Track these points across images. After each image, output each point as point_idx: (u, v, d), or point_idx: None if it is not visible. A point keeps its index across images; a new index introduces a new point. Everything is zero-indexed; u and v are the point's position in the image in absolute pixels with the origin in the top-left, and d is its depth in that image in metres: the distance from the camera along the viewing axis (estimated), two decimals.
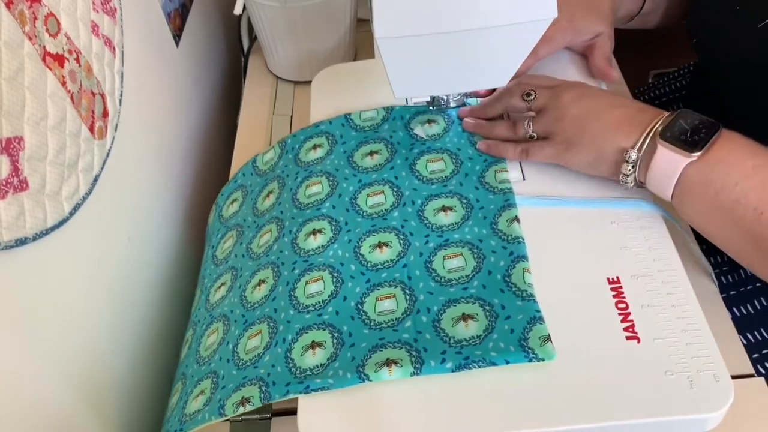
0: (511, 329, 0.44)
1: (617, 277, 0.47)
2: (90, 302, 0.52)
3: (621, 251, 0.49)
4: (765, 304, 0.61)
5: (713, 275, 0.57)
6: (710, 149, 0.46)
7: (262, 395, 0.45)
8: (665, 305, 0.45)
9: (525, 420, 0.41)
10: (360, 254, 0.51)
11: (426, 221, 0.53)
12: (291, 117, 0.78)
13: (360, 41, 0.85)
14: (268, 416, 0.51)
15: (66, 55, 0.46)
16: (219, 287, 0.57)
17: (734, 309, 0.61)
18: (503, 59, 0.52)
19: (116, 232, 0.57)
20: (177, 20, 0.77)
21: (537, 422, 0.41)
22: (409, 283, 0.49)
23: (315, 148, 0.62)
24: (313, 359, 0.45)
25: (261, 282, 0.53)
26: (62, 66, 0.45)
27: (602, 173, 0.52)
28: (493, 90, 0.63)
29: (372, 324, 0.47)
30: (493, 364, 0.43)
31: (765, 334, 0.59)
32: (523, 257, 0.48)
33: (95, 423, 0.51)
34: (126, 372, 0.57)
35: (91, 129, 0.50)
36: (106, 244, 0.55)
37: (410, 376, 0.43)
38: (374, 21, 0.45)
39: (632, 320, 0.45)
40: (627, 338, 0.44)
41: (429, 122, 0.60)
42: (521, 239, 0.49)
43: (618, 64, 0.72)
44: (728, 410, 0.41)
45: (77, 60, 0.47)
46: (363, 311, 0.48)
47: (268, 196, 0.61)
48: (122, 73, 0.57)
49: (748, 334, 0.59)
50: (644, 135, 0.48)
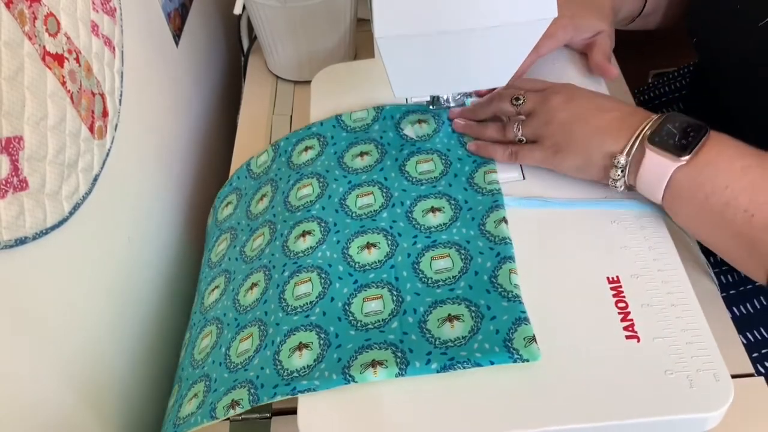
0: (497, 330, 0.44)
1: (617, 277, 0.47)
2: (90, 302, 0.52)
3: (621, 251, 0.49)
4: (765, 304, 0.61)
5: (713, 275, 0.57)
6: (699, 152, 0.46)
7: (251, 398, 0.45)
8: (665, 305, 0.45)
9: (525, 419, 0.41)
10: (348, 255, 0.51)
11: (414, 222, 0.53)
12: (291, 117, 0.78)
13: (360, 41, 0.85)
14: (268, 416, 0.51)
15: (66, 55, 0.46)
16: (212, 290, 0.58)
17: (734, 308, 0.61)
18: (503, 59, 0.52)
19: (116, 232, 0.57)
20: (177, 20, 0.77)
21: (537, 422, 0.41)
22: (397, 284, 0.49)
23: (306, 150, 0.62)
24: (300, 361, 0.45)
25: (253, 285, 0.53)
26: (62, 66, 0.45)
27: (592, 177, 0.52)
28: (494, 90, 0.63)
29: (359, 325, 0.47)
30: (478, 365, 0.43)
31: (765, 334, 0.59)
32: (510, 258, 0.48)
33: (95, 423, 0.51)
34: (126, 372, 0.57)
35: (91, 129, 0.50)
36: (106, 244, 0.55)
37: (395, 377, 0.43)
38: (374, 21, 0.45)
39: (632, 319, 0.45)
40: (627, 337, 0.44)
41: (419, 122, 0.60)
42: (508, 240, 0.49)
43: (618, 64, 0.72)
44: (728, 410, 0.41)
45: (77, 60, 0.47)
46: (350, 312, 0.48)
47: (262, 200, 0.61)
48: (122, 73, 0.57)
49: (748, 334, 0.60)
50: (633, 139, 0.48)
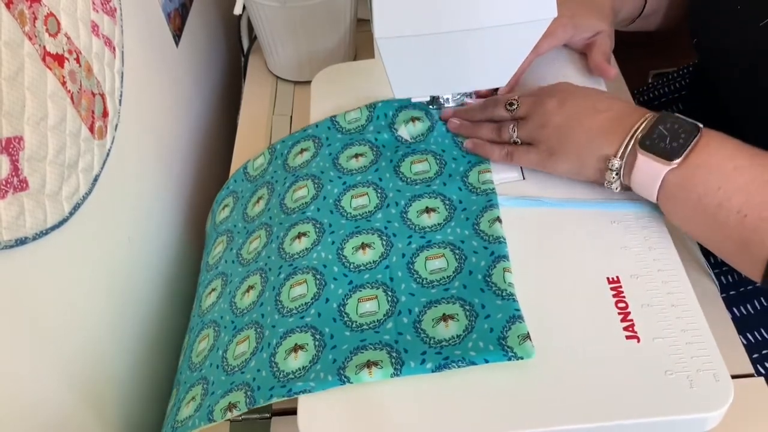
0: (491, 328, 0.44)
1: (617, 277, 0.47)
2: (90, 302, 0.52)
3: (621, 251, 0.49)
4: (765, 304, 0.61)
5: (713, 275, 0.57)
6: (690, 154, 0.46)
7: (248, 400, 0.45)
8: (665, 305, 0.45)
9: (525, 420, 0.41)
10: (343, 256, 0.51)
11: (409, 222, 0.53)
12: (291, 117, 0.78)
13: (360, 41, 0.85)
14: (268, 416, 0.51)
15: (66, 55, 0.46)
16: (209, 293, 0.58)
17: (734, 309, 0.61)
18: (503, 59, 0.52)
19: (116, 232, 0.57)
20: (177, 20, 0.77)
21: (537, 422, 0.41)
22: (391, 285, 0.49)
23: (302, 152, 0.62)
24: (296, 362, 0.45)
25: (250, 288, 0.53)
26: (62, 66, 0.45)
27: (587, 179, 0.52)
28: (495, 90, 0.63)
29: (353, 326, 0.47)
30: (473, 364, 0.43)
31: (765, 334, 0.59)
32: (504, 257, 0.48)
33: (95, 423, 0.51)
34: (126, 372, 0.57)
35: (91, 129, 0.50)
36: (106, 244, 0.55)
37: (390, 378, 0.43)
38: (374, 21, 0.45)
39: (632, 320, 0.45)
40: (627, 338, 0.44)
41: (413, 120, 0.60)
42: (502, 239, 0.49)
43: (618, 64, 0.72)
44: (728, 410, 0.41)
45: (77, 60, 0.47)
46: (345, 313, 0.48)
47: (258, 202, 0.61)
48: (122, 73, 0.57)
49: (748, 334, 0.60)
50: (625, 142, 0.48)
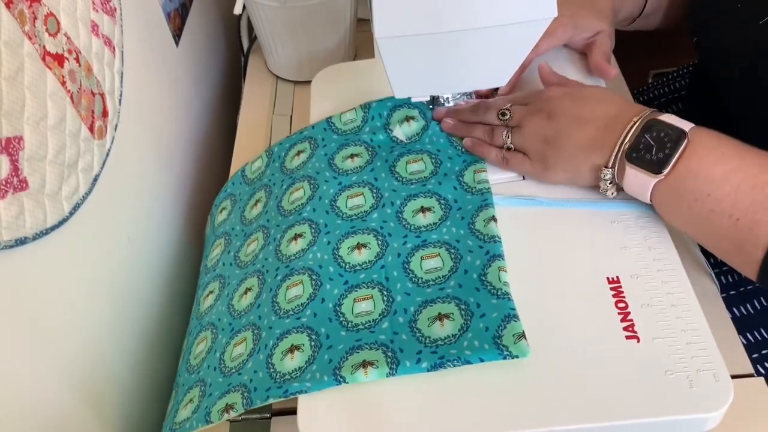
0: (486, 327, 0.45)
1: (617, 277, 0.47)
2: (90, 302, 0.52)
3: (621, 251, 0.49)
4: (765, 304, 0.61)
5: (713, 275, 0.57)
6: (678, 163, 0.46)
7: (244, 401, 0.45)
8: (665, 305, 0.45)
9: (526, 420, 0.41)
10: (339, 256, 0.51)
11: (405, 222, 0.53)
12: (291, 117, 0.78)
13: (360, 41, 0.85)
14: (268, 416, 0.51)
15: (66, 55, 0.46)
16: (207, 295, 0.58)
17: (734, 309, 0.61)
18: (503, 59, 0.52)
19: (116, 232, 0.57)
20: (177, 20, 0.77)
21: (537, 422, 0.41)
22: (387, 284, 0.49)
23: (299, 154, 0.62)
24: (292, 363, 0.45)
25: (247, 290, 0.53)
26: (62, 66, 0.45)
27: (583, 185, 0.53)
28: (495, 90, 0.63)
29: (349, 326, 0.47)
30: (468, 363, 0.43)
31: (765, 334, 0.59)
32: (499, 256, 0.48)
33: (95, 423, 0.51)
34: (126, 372, 0.57)
35: (91, 129, 0.50)
36: (106, 244, 0.55)
37: (386, 377, 0.44)
38: (374, 21, 0.45)
39: (632, 320, 0.45)
40: (627, 338, 0.44)
41: (407, 119, 0.60)
42: (498, 238, 0.49)
43: (618, 64, 0.72)
44: (728, 410, 0.41)
45: (77, 60, 0.47)
46: (341, 313, 0.48)
47: (256, 205, 0.61)
48: (122, 73, 0.57)
49: (748, 334, 0.60)
50: (614, 153, 0.49)
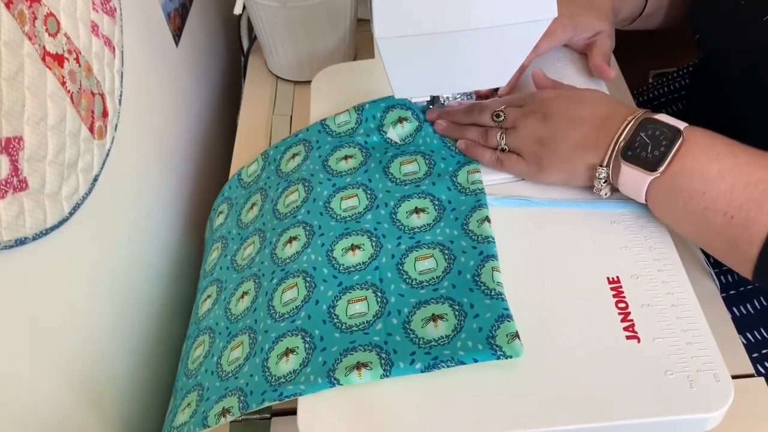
0: (480, 327, 0.44)
1: (617, 277, 0.47)
2: (90, 302, 0.52)
3: (621, 251, 0.49)
4: (764, 304, 0.61)
5: (713, 275, 0.57)
6: (673, 161, 0.46)
7: (241, 405, 0.45)
8: (665, 305, 0.45)
9: (526, 420, 0.41)
10: (333, 257, 0.51)
11: (399, 223, 0.53)
12: (291, 117, 0.78)
13: (360, 41, 0.85)
14: (268, 416, 0.51)
15: (66, 55, 0.46)
16: (205, 299, 0.58)
17: (734, 309, 0.61)
18: (503, 59, 0.52)
19: (116, 232, 0.57)
20: (177, 20, 0.77)
21: (537, 422, 0.41)
22: (381, 286, 0.49)
23: (294, 157, 0.62)
24: (287, 366, 0.45)
25: (244, 294, 0.53)
26: (62, 66, 0.45)
27: (578, 186, 0.53)
28: (495, 90, 0.63)
29: (343, 327, 0.47)
30: (462, 363, 0.43)
31: (764, 334, 0.59)
32: (493, 257, 0.48)
33: (95, 423, 0.51)
34: (126, 372, 0.57)
35: (91, 129, 0.50)
36: (106, 244, 0.55)
37: (380, 379, 0.44)
38: (374, 21, 0.45)
39: (632, 320, 0.45)
40: (627, 338, 0.44)
41: (401, 120, 0.60)
42: (491, 239, 0.49)
43: (618, 64, 0.72)
44: (728, 410, 0.41)
45: (77, 60, 0.47)
46: (335, 314, 0.48)
47: (252, 209, 0.61)
48: (122, 73, 0.57)
49: (748, 334, 0.60)
50: (609, 151, 0.49)
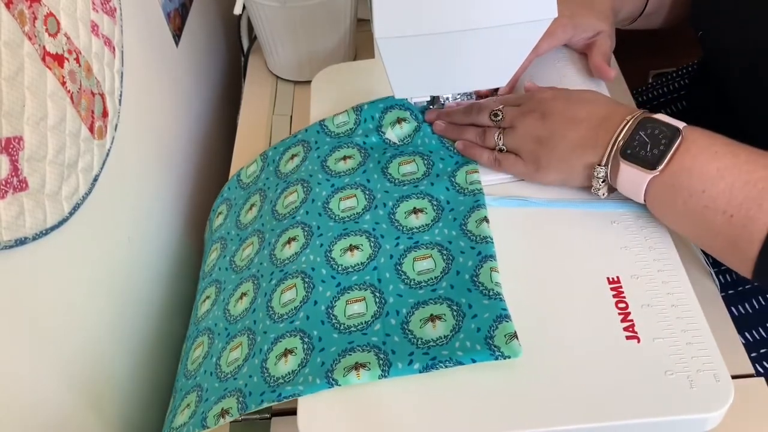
0: (478, 328, 0.45)
1: (617, 277, 0.47)
2: (90, 302, 0.52)
3: (621, 251, 0.49)
4: (763, 303, 0.61)
5: (713, 275, 0.57)
6: (672, 159, 0.46)
7: (239, 406, 0.45)
8: (665, 305, 0.45)
9: (526, 420, 0.41)
10: (331, 258, 0.51)
11: (397, 224, 0.53)
12: (291, 117, 0.78)
13: (360, 41, 0.85)
14: (268, 416, 0.51)
15: (66, 55, 0.46)
16: (204, 300, 0.58)
17: (732, 308, 0.61)
18: (503, 59, 0.52)
19: (116, 232, 0.57)
20: (177, 20, 0.77)
21: (537, 422, 0.41)
22: (379, 286, 0.49)
23: (293, 158, 0.62)
24: (286, 367, 0.45)
25: (243, 295, 0.53)
26: (62, 66, 0.45)
27: (576, 186, 0.53)
28: (495, 90, 0.63)
29: (341, 328, 0.47)
30: (460, 363, 0.43)
31: (763, 333, 0.59)
32: (491, 257, 0.48)
33: (95, 423, 0.51)
34: (126, 372, 0.57)
35: (91, 129, 0.50)
36: (106, 244, 0.55)
37: (378, 379, 0.44)
38: (374, 21, 0.45)
39: (632, 320, 0.45)
40: (627, 338, 0.44)
41: (399, 121, 0.60)
42: (490, 239, 0.49)
43: (618, 64, 0.72)
44: (728, 410, 0.41)
45: (77, 60, 0.47)
46: (333, 315, 0.48)
47: (251, 209, 0.61)
48: (122, 73, 0.57)
49: (746, 333, 0.60)
50: (608, 150, 0.49)
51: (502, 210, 0.53)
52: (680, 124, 0.47)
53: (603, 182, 0.50)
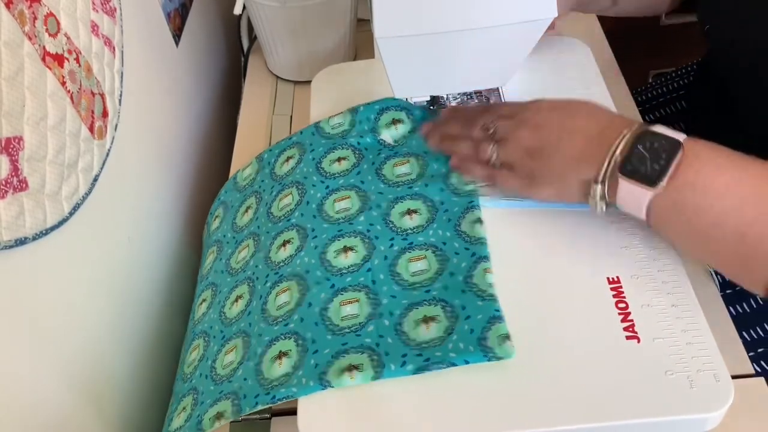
0: (471, 329, 0.44)
1: (617, 277, 0.47)
2: (90, 302, 0.52)
3: (621, 251, 0.49)
4: (762, 303, 0.61)
5: (713, 275, 0.57)
6: (676, 174, 0.43)
7: (234, 408, 0.45)
8: (665, 305, 0.45)
9: (526, 420, 0.41)
10: (326, 260, 0.51)
11: (392, 225, 0.53)
12: (291, 117, 0.78)
13: (360, 41, 0.85)
14: (268, 416, 0.51)
15: (66, 55, 0.46)
16: (200, 303, 0.58)
17: (731, 307, 0.61)
18: (503, 59, 0.52)
19: (116, 232, 0.57)
20: (177, 20, 0.77)
21: (537, 422, 0.41)
22: (374, 287, 0.49)
23: (288, 161, 0.62)
24: (280, 369, 0.45)
25: (238, 298, 0.53)
26: (62, 66, 0.45)
27: (567, 202, 0.50)
28: (495, 90, 0.63)
29: (335, 329, 0.47)
30: (453, 365, 0.43)
31: (761, 332, 0.59)
32: (485, 258, 0.48)
33: (95, 423, 0.51)
34: (126, 372, 0.57)
35: (91, 129, 0.50)
36: (106, 244, 0.55)
37: (371, 381, 0.43)
38: (374, 21, 0.45)
39: (632, 320, 0.45)
40: (627, 338, 0.44)
41: (394, 122, 0.60)
42: (484, 240, 0.49)
43: (618, 64, 0.72)
44: (728, 410, 0.41)
45: (77, 60, 0.47)
46: (327, 317, 0.48)
47: (247, 212, 0.61)
48: (122, 73, 0.57)
49: (744, 333, 0.60)
50: (605, 166, 0.45)
51: (503, 210, 0.52)
52: (680, 137, 0.44)
53: (600, 199, 0.47)
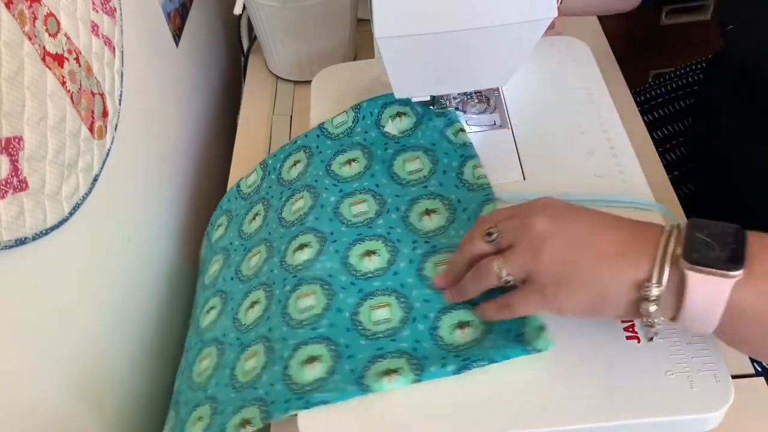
0: (508, 328, 0.45)
1: None
2: (90, 302, 0.52)
3: None
4: None
5: None
6: (752, 260, 0.36)
7: (263, 415, 0.44)
8: None
9: (525, 420, 0.41)
10: (349, 264, 0.51)
11: (411, 227, 0.53)
12: (291, 117, 0.78)
13: (360, 41, 0.85)
14: None
15: (66, 55, 0.46)
16: (208, 311, 0.57)
17: None
18: (503, 59, 0.52)
19: (116, 232, 0.57)
20: (177, 20, 0.77)
21: (537, 422, 0.41)
22: (403, 291, 0.49)
23: (295, 165, 0.62)
24: (312, 374, 0.45)
25: (254, 303, 0.53)
26: (62, 66, 0.45)
27: (608, 316, 0.41)
28: (495, 90, 0.63)
29: (369, 334, 0.47)
30: (493, 362, 0.43)
31: None
32: None
33: (95, 423, 0.51)
34: (126, 372, 0.57)
35: (91, 129, 0.50)
36: (106, 244, 0.55)
37: (411, 384, 0.43)
38: (374, 21, 0.45)
39: (632, 320, 0.45)
40: (627, 338, 0.44)
41: (399, 115, 0.60)
42: None
43: (618, 64, 0.72)
44: (728, 410, 0.41)
45: (77, 60, 0.47)
46: (358, 321, 0.48)
47: (255, 219, 0.61)
48: (122, 73, 0.57)
49: None
50: (660, 262, 0.37)
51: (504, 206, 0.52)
52: (733, 225, 0.38)
53: (656, 306, 0.37)
